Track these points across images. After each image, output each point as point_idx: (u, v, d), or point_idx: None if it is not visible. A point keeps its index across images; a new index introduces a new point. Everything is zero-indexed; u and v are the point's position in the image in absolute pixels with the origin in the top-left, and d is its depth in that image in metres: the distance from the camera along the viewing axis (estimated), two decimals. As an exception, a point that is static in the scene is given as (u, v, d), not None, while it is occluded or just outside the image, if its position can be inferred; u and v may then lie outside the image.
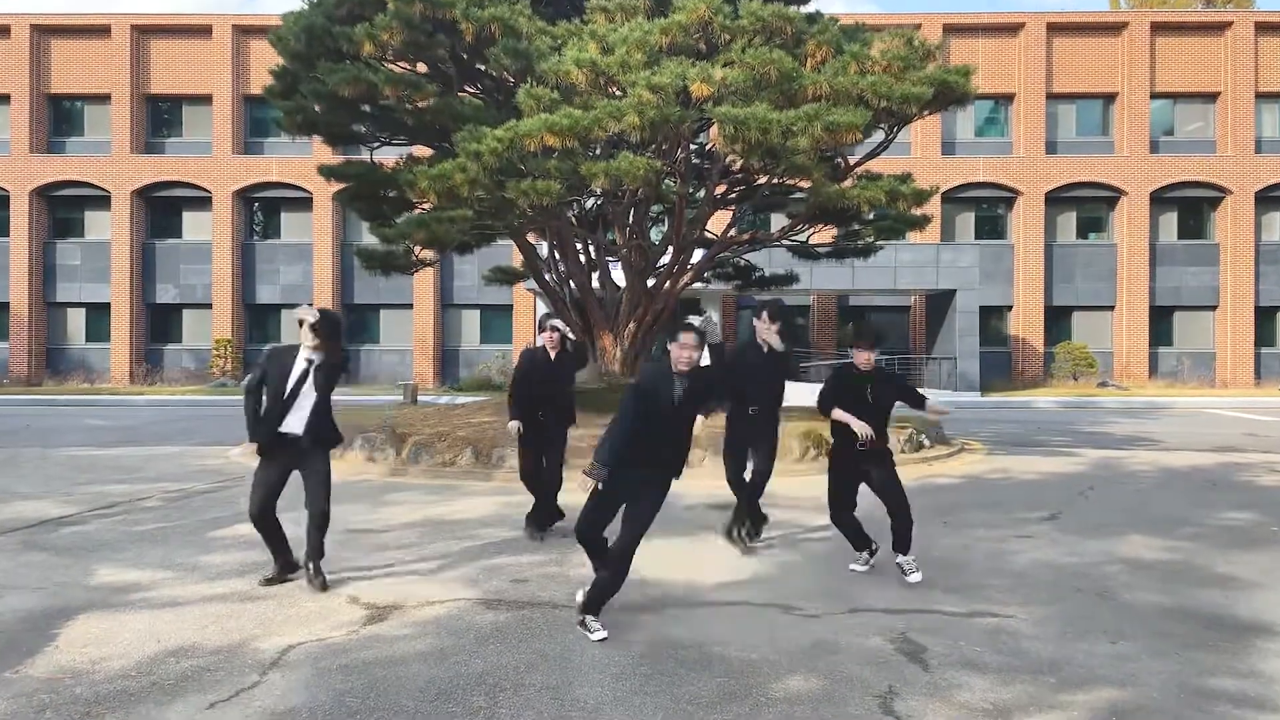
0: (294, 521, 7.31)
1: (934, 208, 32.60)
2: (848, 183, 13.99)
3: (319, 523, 6.75)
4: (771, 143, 11.15)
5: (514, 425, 8.55)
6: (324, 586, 6.69)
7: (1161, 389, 32.83)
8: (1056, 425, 21.08)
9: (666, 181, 13.53)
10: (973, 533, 8.90)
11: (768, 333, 8.04)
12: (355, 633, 5.78)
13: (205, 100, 36.33)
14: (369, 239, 27.52)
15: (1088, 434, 19.24)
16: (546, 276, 16.98)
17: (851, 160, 14.88)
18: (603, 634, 5.66)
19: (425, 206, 14.10)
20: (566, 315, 16.86)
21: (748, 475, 8.24)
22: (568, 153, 11.75)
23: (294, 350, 6.74)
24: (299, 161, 34.49)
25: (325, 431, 6.77)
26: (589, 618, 5.75)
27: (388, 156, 16.67)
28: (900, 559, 6.98)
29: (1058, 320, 35.78)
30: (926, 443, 14.91)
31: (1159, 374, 35.15)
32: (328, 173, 15.18)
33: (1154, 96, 35.61)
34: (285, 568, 6.94)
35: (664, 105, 11.07)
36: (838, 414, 6.94)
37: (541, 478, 8.68)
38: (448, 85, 14.66)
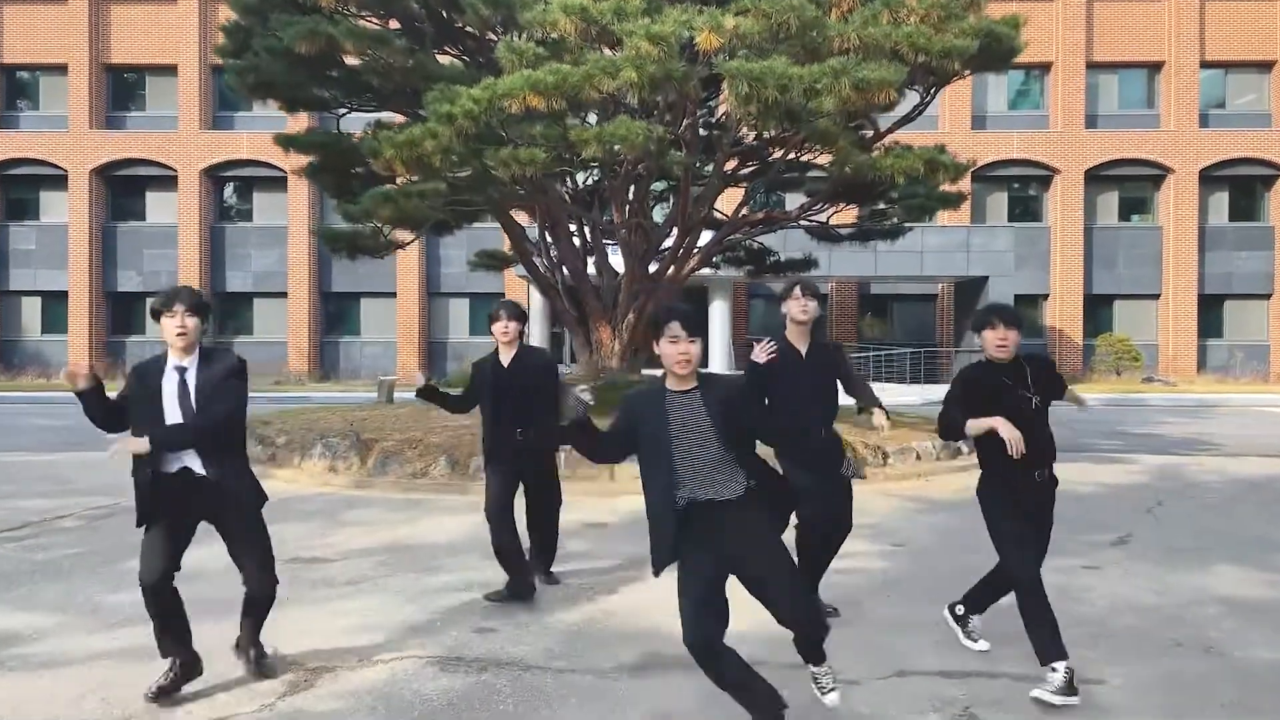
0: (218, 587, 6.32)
1: (963, 186, 31.66)
2: (877, 153, 12.99)
3: (260, 606, 5.20)
4: (791, 103, 10.16)
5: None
6: (265, 673, 5.20)
7: (1211, 385, 31.85)
8: (1103, 426, 20.08)
9: (671, 153, 12.54)
10: (1032, 562, 7.89)
11: (801, 317, 6.04)
12: (270, 707, 4.81)
13: (170, 71, 35.33)
14: (345, 221, 26.62)
15: (1139, 436, 18.33)
16: (536, 261, 16.05)
17: (877, 129, 13.87)
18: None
19: (403, 181, 13.17)
20: (559, 304, 15.97)
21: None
22: (555, 116, 10.79)
23: (160, 362, 4.93)
24: (272, 137, 33.52)
25: (231, 478, 4.99)
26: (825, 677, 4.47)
27: (363, 128, 15.75)
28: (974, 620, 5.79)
29: (1098, 309, 34.85)
30: (965, 448, 13.92)
31: (1208, 368, 34.19)
32: (285, 142, 14.26)
33: (1204, 65, 34.48)
34: (186, 670, 5.01)
35: (666, 59, 10.07)
36: (974, 423, 5.04)
37: (509, 516, 6.78)
38: (421, 44, 13.69)
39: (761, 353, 5.67)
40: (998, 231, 31.96)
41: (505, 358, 6.80)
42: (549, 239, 15.98)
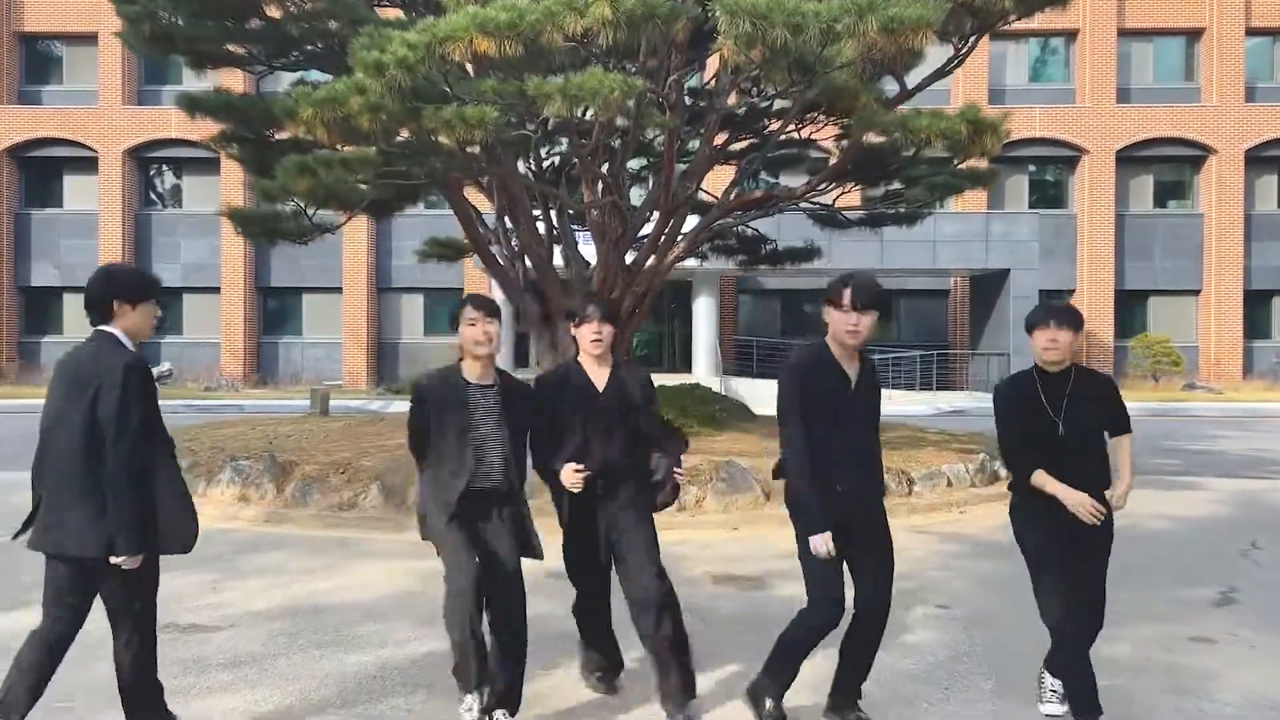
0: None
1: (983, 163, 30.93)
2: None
3: None
4: (803, 50, 8.86)
5: None
6: None
7: (1260, 392, 30.95)
8: (1152, 441, 18.90)
9: (654, 113, 11.26)
10: (1119, 630, 6.47)
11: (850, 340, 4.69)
12: None
13: (90, 40, 34.24)
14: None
15: (1196, 453, 17.22)
16: (493, 249, 14.76)
17: (904, 85, 12.60)
18: None
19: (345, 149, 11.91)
20: (521, 301, 14.68)
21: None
22: (510, 66, 9.47)
23: None
24: (175, 98, 32.52)
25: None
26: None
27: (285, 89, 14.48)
28: (1048, 678, 5.20)
29: (1130, 307, 34.21)
30: (1004, 473, 12.67)
31: (1255, 373, 33.52)
32: (190, 105, 12.90)
33: (1249, 33, 33.81)
34: None
35: (647, -6, 8.77)
36: (1042, 481, 4.84)
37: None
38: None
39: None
40: (1019, 219, 31.11)
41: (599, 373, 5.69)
42: (507, 223, 14.71)
